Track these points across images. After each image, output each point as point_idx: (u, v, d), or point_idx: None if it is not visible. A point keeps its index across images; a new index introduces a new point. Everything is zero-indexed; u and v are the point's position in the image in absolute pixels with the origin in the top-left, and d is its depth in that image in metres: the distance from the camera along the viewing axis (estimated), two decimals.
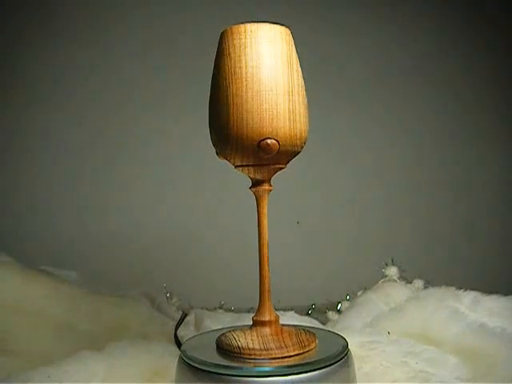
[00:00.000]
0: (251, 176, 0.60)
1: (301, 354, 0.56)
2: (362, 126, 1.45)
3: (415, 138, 1.46)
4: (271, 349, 0.56)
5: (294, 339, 0.58)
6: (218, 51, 0.58)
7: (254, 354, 0.55)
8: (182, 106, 1.34)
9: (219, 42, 0.58)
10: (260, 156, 0.56)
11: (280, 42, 0.56)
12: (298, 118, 0.56)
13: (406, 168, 1.44)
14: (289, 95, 0.55)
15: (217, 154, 0.60)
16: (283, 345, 0.57)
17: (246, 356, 0.56)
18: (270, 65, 0.55)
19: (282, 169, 0.60)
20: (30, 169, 1.33)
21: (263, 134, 0.55)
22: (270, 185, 0.60)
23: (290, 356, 0.56)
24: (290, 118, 0.55)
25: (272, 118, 0.54)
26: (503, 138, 1.49)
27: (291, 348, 0.56)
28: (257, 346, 0.56)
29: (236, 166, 0.60)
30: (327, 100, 1.38)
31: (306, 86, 0.59)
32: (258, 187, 0.60)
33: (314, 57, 1.33)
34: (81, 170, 1.35)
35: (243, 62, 0.55)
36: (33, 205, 1.31)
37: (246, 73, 0.55)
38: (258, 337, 0.58)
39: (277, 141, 0.55)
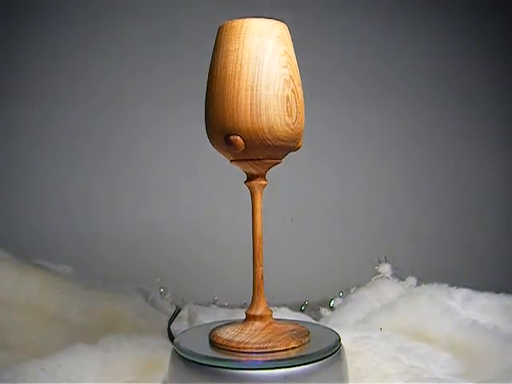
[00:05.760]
0: (245, 170, 0.61)
1: (293, 348, 0.57)
2: (360, 125, 1.45)
3: (412, 137, 1.47)
4: (264, 342, 0.56)
5: (287, 333, 0.59)
6: None
7: (247, 348, 0.56)
8: (176, 101, 1.34)
9: None
10: (231, 151, 0.57)
11: (250, 36, 0.56)
12: (263, 112, 0.55)
13: (399, 167, 1.45)
14: (252, 90, 0.55)
15: None
16: (276, 338, 0.57)
17: (238, 349, 0.56)
18: (234, 61, 0.56)
19: (276, 163, 0.60)
20: (26, 165, 1.33)
21: (226, 130, 0.56)
22: (265, 180, 0.61)
23: (283, 350, 0.56)
24: (252, 113, 0.55)
25: (232, 114, 0.55)
26: (501, 141, 1.49)
27: (284, 342, 0.57)
28: (249, 340, 0.57)
29: (230, 161, 0.61)
30: (325, 98, 1.38)
31: (296, 78, 0.58)
32: (253, 182, 0.60)
33: (315, 55, 1.34)
34: (75, 166, 1.35)
35: (216, 61, 0.58)
36: (28, 200, 1.31)
37: (216, 71, 0.57)
38: (250, 330, 0.59)
39: (240, 136, 0.56)
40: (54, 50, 1.36)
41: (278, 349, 0.56)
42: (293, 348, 0.57)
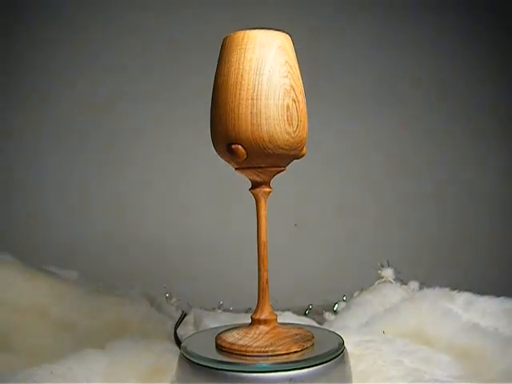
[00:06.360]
0: (249, 178, 0.62)
1: (298, 351, 0.58)
2: (360, 130, 1.46)
3: (411, 141, 1.47)
4: (266, 346, 0.57)
5: (290, 338, 0.60)
6: None
7: (252, 351, 0.57)
8: (185, 109, 1.35)
9: None
10: (234, 160, 0.59)
11: (251, 47, 0.57)
12: (264, 121, 0.56)
13: (401, 171, 1.45)
14: (252, 100, 0.56)
15: None
16: (280, 342, 0.58)
17: (244, 353, 0.57)
18: (235, 72, 0.57)
19: (280, 171, 0.61)
20: (32, 169, 1.34)
21: (228, 139, 0.57)
22: (270, 187, 0.62)
23: (288, 353, 0.57)
24: (252, 123, 0.56)
25: (233, 124, 0.57)
26: (501, 143, 1.50)
27: (285, 346, 0.58)
28: (252, 343, 0.58)
29: (235, 169, 0.62)
30: (328, 105, 1.39)
31: (298, 87, 0.59)
32: (257, 189, 0.61)
33: (316, 61, 1.35)
34: (82, 170, 1.35)
35: (219, 72, 0.59)
36: (35, 205, 1.32)
37: (219, 82, 0.59)
38: (254, 334, 0.60)
39: (241, 145, 0.57)
40: (56, 53, 1.36)
41: (279, 352, 0.57)
42: (294, 352, 0.57)
